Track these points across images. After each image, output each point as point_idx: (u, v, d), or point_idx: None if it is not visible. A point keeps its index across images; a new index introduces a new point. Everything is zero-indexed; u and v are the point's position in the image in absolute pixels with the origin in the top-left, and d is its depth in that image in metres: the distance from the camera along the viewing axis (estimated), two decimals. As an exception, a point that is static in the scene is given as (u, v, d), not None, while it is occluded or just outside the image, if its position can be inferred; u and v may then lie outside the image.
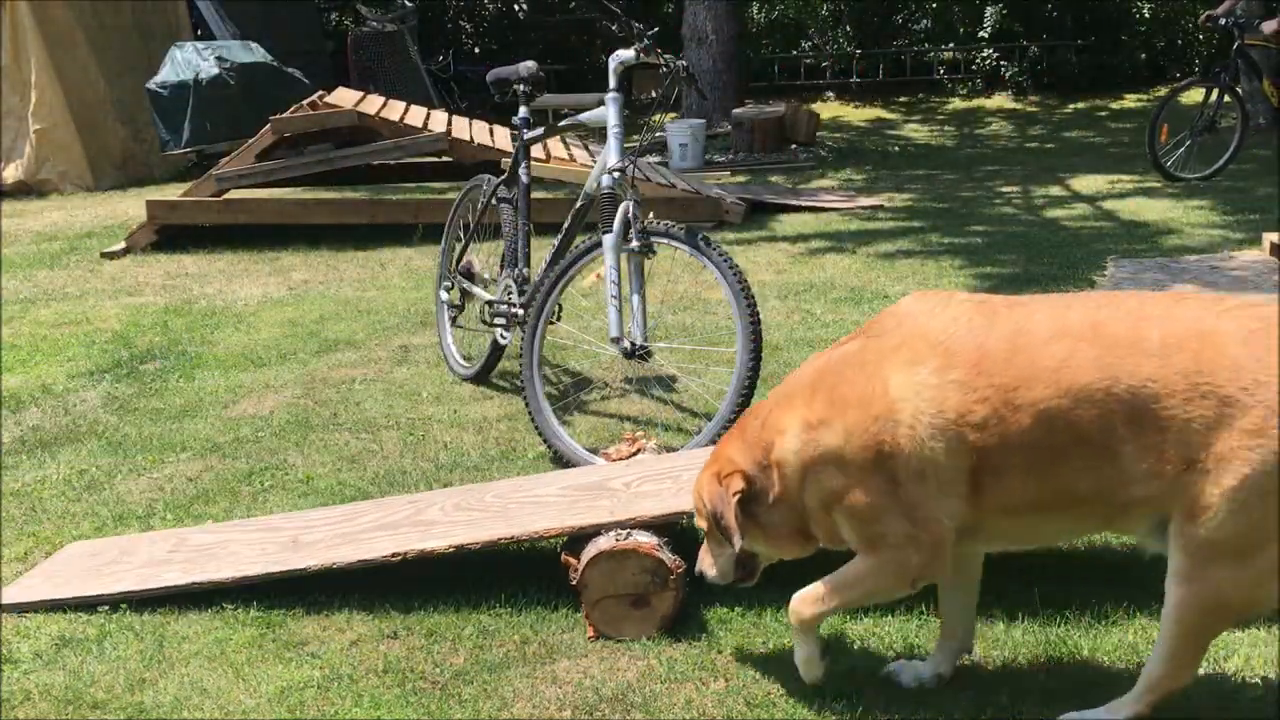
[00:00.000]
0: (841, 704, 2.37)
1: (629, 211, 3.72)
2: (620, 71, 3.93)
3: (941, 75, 17.43)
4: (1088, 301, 2.20)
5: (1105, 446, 2.04)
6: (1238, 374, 1.95)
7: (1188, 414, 1.97)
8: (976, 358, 2.12)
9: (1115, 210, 8.11)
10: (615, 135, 3.88)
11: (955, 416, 2.11)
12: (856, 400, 2.19)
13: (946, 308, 2.24)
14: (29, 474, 3.94)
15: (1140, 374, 2.00)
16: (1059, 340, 2.08)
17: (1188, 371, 1.97)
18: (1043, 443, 2.07)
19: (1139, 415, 2.00)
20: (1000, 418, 2.08)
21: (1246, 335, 1.98)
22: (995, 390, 2.09)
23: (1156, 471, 2.00)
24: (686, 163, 10.78)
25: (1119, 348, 2.03)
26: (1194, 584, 2.01)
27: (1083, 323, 2.10)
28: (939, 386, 2.13)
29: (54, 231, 9.07)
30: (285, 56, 12.56)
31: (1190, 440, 1.97)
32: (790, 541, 2.39)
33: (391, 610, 2.84)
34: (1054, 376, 2.05)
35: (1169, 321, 2.04)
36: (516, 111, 4.52)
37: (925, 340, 2.18)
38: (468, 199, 4.89)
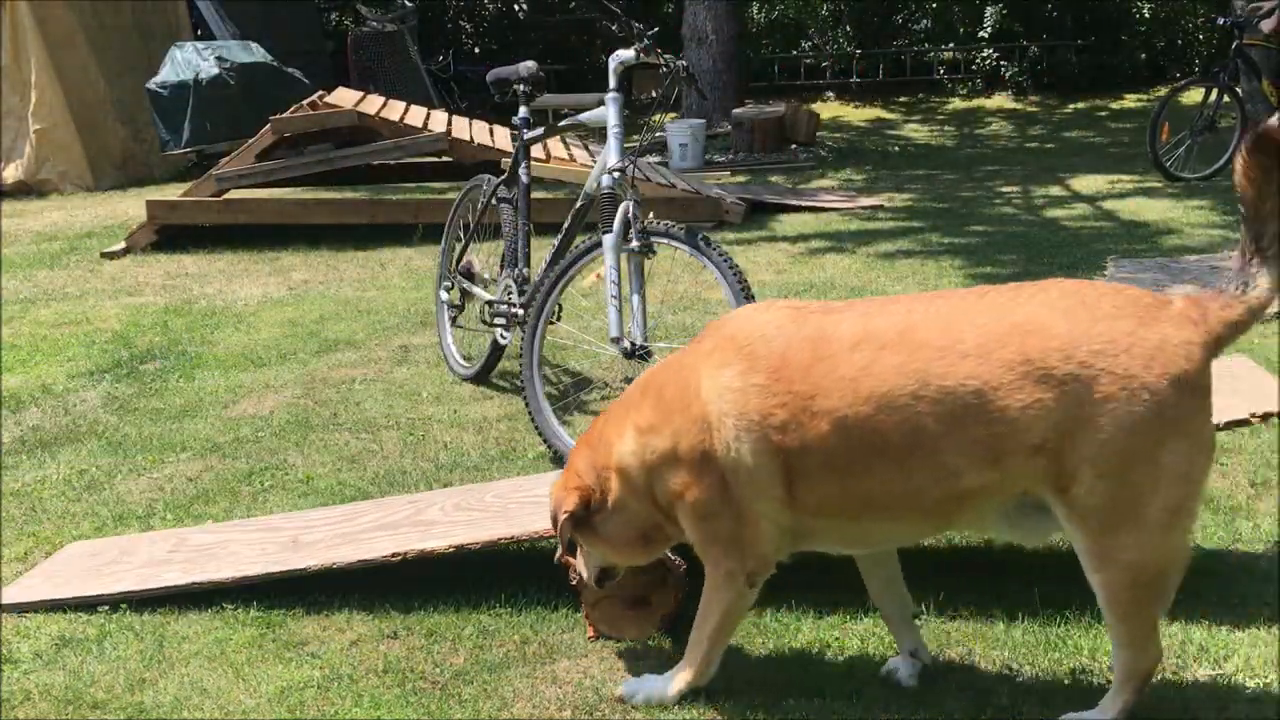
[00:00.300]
0: (841, 704, 2.37)
1: (629, 211, 3.72)
2: (620, 71, 3.93)
3: (941, 75, 17.42)
4: (899, 306, 2.23)
5: (918, 448, 2.08)
6: (1071, 352, 2.01)
7: (1024, 402, 2.02)
8: (779, 363, 2.18)
9: (1115, 210, 8.11)
10: (615, 135, 3.88)
11: (758, 419, 2.17)
12: (678, 405, 2.28)
13: (764, 313, 2.32)
14: (29, 474, 3.94)
15: (956, 375, 2.05)
16: (861, 348, 2.13)
17: (1014, 364, 2.02)
18: (844, 448, 2.12)
19: (958, 415, 2.05)
20: (799, 423, 2.14)
21: (1064, 312, 2.04)
22: (794, 396, 2.15)
23: (987, 463, 2.06)
24: (686, 163, 10.78)
25: (928, 351, 2.08)
26: (1106, 566, 2.06)
27: (890, 329, 2.14)
28: (742, 390, 2.19)
29: (54, 231, 9.07)
30: (285, 56, 12.55)
31: (1032, 427, 2.02)
32: (630, 547, 2.45)
33: (391, 610, 2.84)
34: (852, 385, 2.11)
35: (981, 321, 2.09)
36: (516, 111, 4.52)
37: (734, 344, 2.25)
38: (468, 199, 4.89)
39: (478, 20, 20.19)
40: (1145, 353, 1.99)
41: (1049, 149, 12.09)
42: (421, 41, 16.52)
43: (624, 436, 2.37)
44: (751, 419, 2.18)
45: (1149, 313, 2.04)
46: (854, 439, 2.11)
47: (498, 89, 4.54)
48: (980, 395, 2.03)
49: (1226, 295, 2.07)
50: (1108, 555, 2.05)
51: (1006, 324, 2.07)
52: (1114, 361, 1.99)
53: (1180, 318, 2.04)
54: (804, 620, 2.70)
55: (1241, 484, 3.34)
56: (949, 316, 2.13)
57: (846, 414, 2.11)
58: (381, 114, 8.38)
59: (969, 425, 2.05)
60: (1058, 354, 2.01)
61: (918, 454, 2.09)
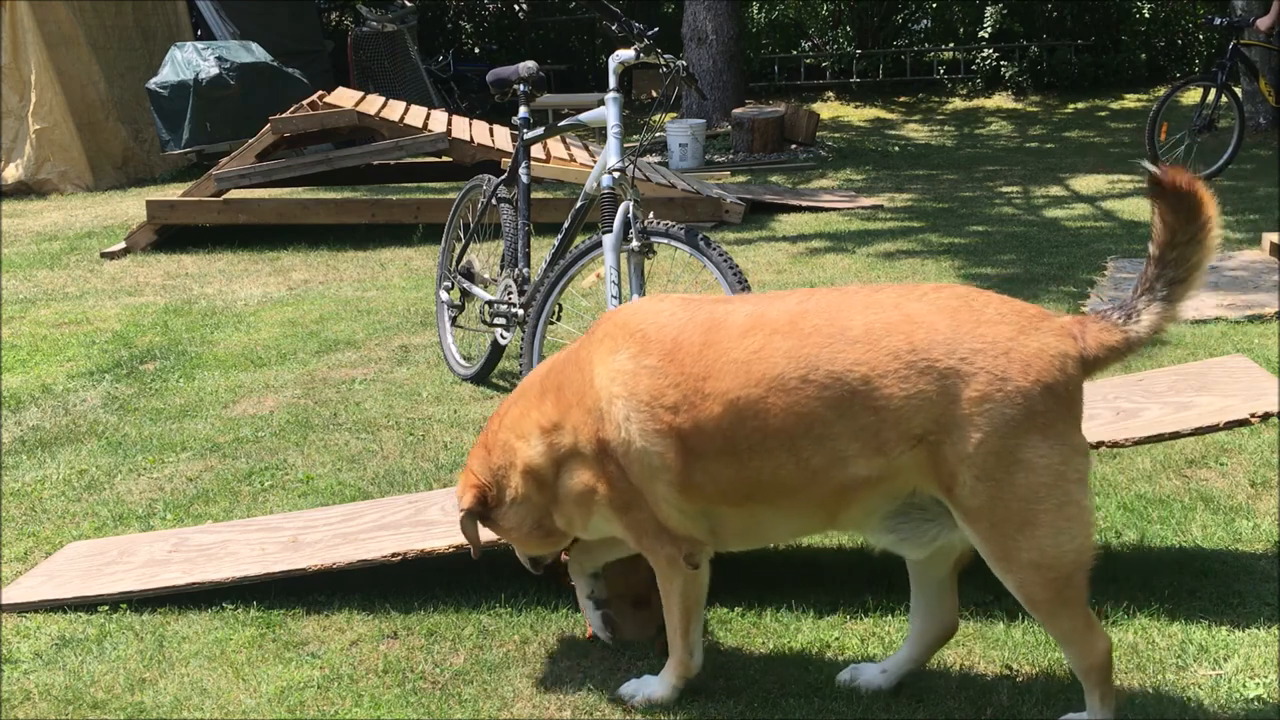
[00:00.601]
0: (841, 704, 2.37)
1: (629, 211, 3.72)
2: (620, 72, 3.93)
3: (941, 75, 17.43)
4: (792, 297, 2.28)
5: (808, 432, 2.13)
6: (954, 347, 2.06)
7: (906, 392, 2.07)
8: (671, 346, 2.24)
9: (1115, 210, 8.11)
10: (615, 135, 3.88)
11: (647, 399, 2.22)
12: (576, 398, 2.33)
13: (657, 302, 2.38)
14: (29, 474, 3.94)
15: (843, 360, 2.10)
16: (753, 334, 2.19)
17: (900, 353, 2.08)
18: (736, 430, 2.16)
19: (846, 400, 2.10)
20: (692, 404, 2.19)
21: (951, 311, 2.11)
22: (686, 378, 2.20)
23: (874, 450, 2.10)
24: (686, 163, 10.78)
25: (817, 337, 2.13)
26: (1012, 569, 2.09)
27: (781, 316, 2.20)
28: (633, 372, 2.25)
29: (54, 231, 9.07)
30: (285, 56, 12.56)
31: (914, 417, 2.07)
32: (532, 539, 2.51)
33: (391, 610, 2.84)
34: (744, 368, 2.16)
35: (873, 310, 2.15)
36: (516, 112, 4.52)
37: (625, 330, 2.32)
38: (468, 199, 4.89)
39: (478, 20, 20.20)
40: (1023, 358, 2.05)
41: (1049, 149, 12.09)
42: (421, 41, 16.53)
43: (529, 438, 2.40)
44: (641, 399, 2.23)
45: (1032, 323, 2.10)
46: (746, 420, 2.16)
47: (498, 89, 4.54)
48: (866, 381, 2.09)
49: (1109, 320, 2.12)
50: (1008, 557, 2.08)
51: (897, 315, 2.13)
52: (993, 362, 2.04)
53: (1061, 331, 2.10)
54: (804, 620, 2.70)
55: (1241, 484, 3.35)
56: (840, 306, 2.19)
57: (738, 396, 2.15)
58: (381, 114, 8.38)
59: (856, 411, 2.09)
60: (942, 347, 2.07)
61: (808, 437, 2.13)
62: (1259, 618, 2.60)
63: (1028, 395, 2.03)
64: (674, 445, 2.20)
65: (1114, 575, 2.82)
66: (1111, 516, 3.16)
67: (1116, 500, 3.26)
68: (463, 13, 19.99)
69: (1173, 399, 2.95)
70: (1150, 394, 3.04)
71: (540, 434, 2.37)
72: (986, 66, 16.72)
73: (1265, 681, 2.37)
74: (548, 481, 2.39)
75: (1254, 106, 10.65)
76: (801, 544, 3.10)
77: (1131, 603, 2.67)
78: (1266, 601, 2.67)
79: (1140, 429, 2.75)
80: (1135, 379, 3.33)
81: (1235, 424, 2.68)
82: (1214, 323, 4.98)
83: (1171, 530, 3.07)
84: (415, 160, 8.96)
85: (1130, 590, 2.73)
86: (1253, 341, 4.68)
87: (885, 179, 10.35)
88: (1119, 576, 2.81)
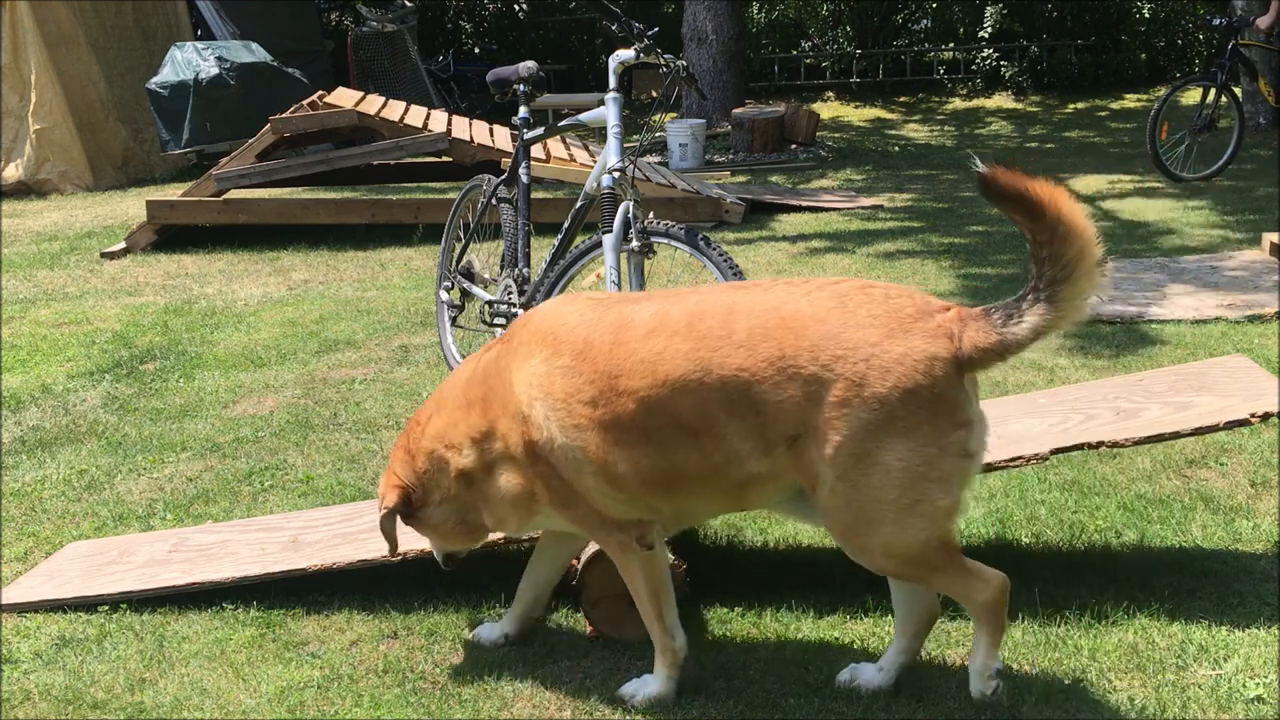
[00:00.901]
0: (841, 704, 2.37)
1: (629, 211, 3.72)
2: (620, 72, 3.93)
3: (941, 75, 17.44)
4: (691, 296, 2.35)
5: (708, 430, 2.21)
6: (817, 354, 2.13)
7: (779, 397, 2.15)
8: (583, 346, 2.32)
9: (1115, 210, 8.11)
10: (615, 135, 3.88)
11: (564, 397, 2.30)
12: (500, 406, 2.40)
13: (567, 305, 2.44)
14: (29, 474, 3.94)
15: (730, 365, 2.18)
16: (656, 334, 2.26)
17: (774, 359, 2.15)
18: (649, 425, 2.24)
19: (734, 402, 2.18)
20: (608, 400, 2.27)
21: (824, 315, 2.17)
22: (600, 375, 2.28)
23: (762, 450, 2.18)
24: (686, 163, 10.78)
25: (710, 340, 2.21)
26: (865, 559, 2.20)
27: (681, 318, 2.26)
28: (547, 373, 2.33)
29: (54, 231, 9.07)
30: (285, 56, 12.57)
31: (787, 420, 2.15)
32: (455, 534, 2.58)
33: (391, 610, 2.84)
34: (651, 368, 2.24)
35: (756, 314, 2.22)
36: (516, 112, 4.52)
37: (537, 335, 2.39)
38: (468, 199, 4.88)
39: (478, 20, 20.20)
40: (883, 364, 2.09)
41: (1049, 149, 12.09)
42: (421, 41, 16.54)
43: (462, 449, 2.46)
44: (558, 398, 2.31)
45: (904, 324, 2.13)
46: (656, 417, 2.23)
47: (498, 89, 4.54)
48: (749, 385, 2.16)
49: (989, 321, 2.14)
50: (863, 550, 2.18)
51: (775, 319, 2.19)
52: (852, 369, 2.10)
53: (935, 332, 2.13)
54: (804, 620, 2.70)
55: (1241, 484, 3.35)
56: (732, 308, 2.25)
57: (648, 394, 2.23)
58: (381, 114, 8.38)
59: (744, 413, 2.17)
60: (807, 354, 2.13)
61: (709, 435, 2.21)
62: (1259, 618, 2.60)
63: (885, 401, 2.08)
64: (594, 438, 2.27)
65: (1114, 575, 2.83)
66: (1111, 516, 3.16)
67: (1116, 500, 3.26)
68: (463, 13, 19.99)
69: (1173, 399, 2.95)
70: (1150, 394, 3.04)
71: (472, 444, 2.44)
72: (986, 66, 16.73)
73: (1265, 681, 2.37)
74: (479, 483, 2.46)
75: (1254, 106, 10.65)
76: (801, 544, 3.10)
77: (1131, 603, 2.67)
78: (1266, 601, 2.67)
79: (1140, 429, 2.75)
80: (1135, 379, 3.33)
81: (1235, 424, 2.68)
82: (1214, 323, 4.98)
83: (1171, 530, 3.07)
84: (415, 160, 8.96)
85: (1130, 590, 2.73)
86: (1253, 341, 4.68)
87: (885, 179, 10.35)
88: (1119, 576, 2.81)
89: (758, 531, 3.17)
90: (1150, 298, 5.46)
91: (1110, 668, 2.44)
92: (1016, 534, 3.11)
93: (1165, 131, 9.03)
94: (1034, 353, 4.72)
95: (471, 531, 2.57)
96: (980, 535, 3.10)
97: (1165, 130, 9.03)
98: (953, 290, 5.89)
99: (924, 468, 2.10)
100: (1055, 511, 3.21)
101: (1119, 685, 2.38)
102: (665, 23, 14.38)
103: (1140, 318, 5.13)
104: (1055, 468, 3.45)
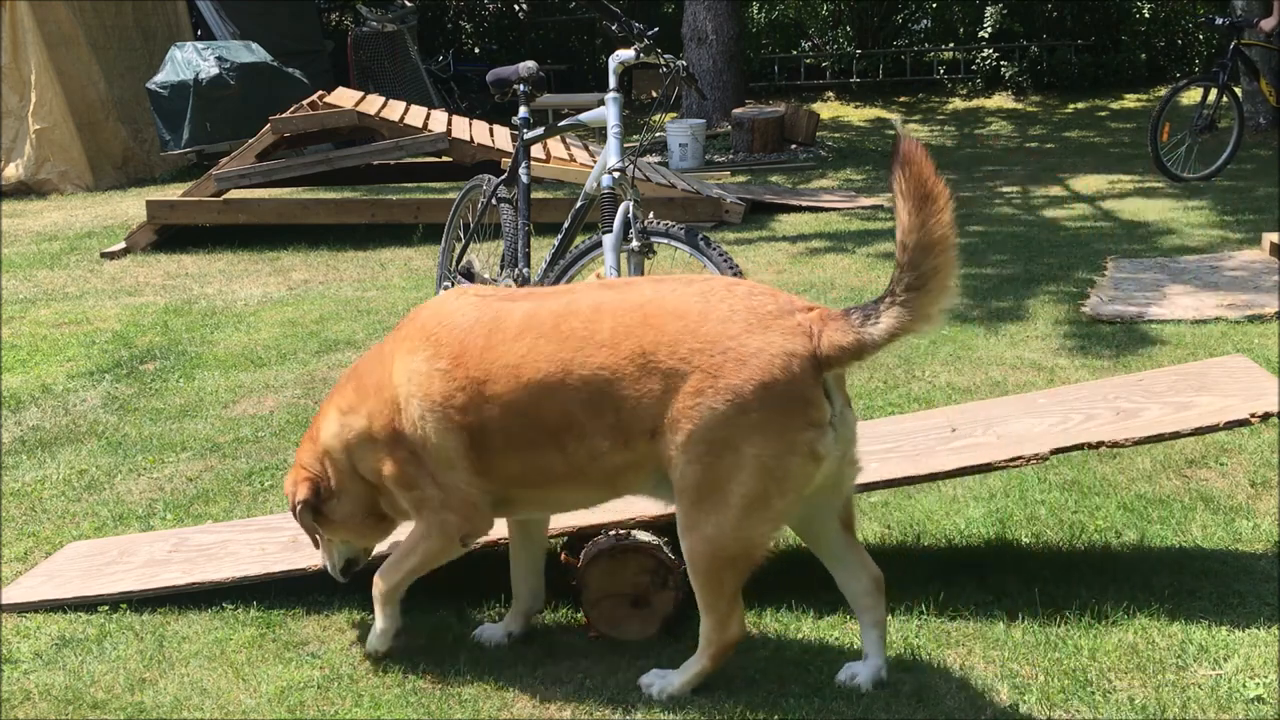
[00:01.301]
0: (841, 704, 2.37)
1: (629, 211, 3.72)
2: (620, 72, 3.93)
3: (941, 75, 17.43)
4: (563, 296, 2.43)
5: (571, 428, 2.30)
6: (675, 349, 2.22)
7: (640, 392, 2.24)
8: (459, 349, 2.39)
9: (1115, 210, 8.11)
10: (615, 135, 3.88)
11: (440, 400, 2.39)
12: (374, 388, 2.49)
13: (454, 300, 2.51)
14: (29, 474, 3.94)
15: (591, 364, 2.27)
16: (524, 336, 2.35)
17: (634, 355, 2.24)
18: (515, 428, 2.34)
19: (595, 400, 2.27)
20: (477, 405, 2.36)
21: (685, 310, 2.25)
22: (471, 381, 2.36)
23: (623, 444, 2.27)
24: (686, 163, 10.78)
25: (573, 341, 2.30)
26: (689, 535, 2.26)
27: (549, 318, 2.34)
28: (427, 374, 2.41)
29: (54, 231, 9.07)
30: (285, 56, 12.56)
31: (646, 414, 2.24)
32: (364, 528, 2.63)
33: (391, 610, 2.83)
34: (515, 372, 2.33)
35: (621, 312, 2.30)
36: (516, 112, 4.52)
37: (423, 332, 2.46)
38: (468, 199, 4.89)
39: (478, 20, 20.20)
40: (739, 356, 2.17)
41: (1049, 149, 12.09)
42: (421, 41, 16.53)
43: (328, 419, 2.57)
44: (435, 400, 2.39)
45: (762, 321, 2.21)
46: (521, 420, 2.33)
47: (498, 89, 4.54)
48: (609, 383, 2.25)
49: (848, 321, 2.19)
50: (692, 526, 2.25)
51: (638, 316, 2.28)
52: (709, 361, 2.19)
53: (794, 330, 2.20)
54: (804, 620, 2.70)
55: (1241, 484, 3.35)
56: (599, 306, 2.32)
57: (512, 399, 2.32)
58: (381, 114, 8.38)
59: (604, 410, 2.26)
60: (666, 348, 2.22)
61: (570, 434, 2.30)
62: (1259, 618, 2.60)
63: (738, 392, 2.16)
64: (465, 440, 2.39)
65: (1114, 575, 2.83)
66: (1111, 516, 3.16)
67: (1116, 500, 3.26)
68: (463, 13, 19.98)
69: (1173, 399, 2.95)
70: (1150, 394, 3.04)
71: (338, 415, 2.53)
72: (986, 66, 16.72)
73: (1265, 681, 2.37)
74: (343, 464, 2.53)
75: (1254, 106, 10.65)
76: (801, 544, 3.10)
77: (1131, 603, 2.67)
78: (1266, 601, 2.67)
79: (1140, 429, 2.75)
80: (1135, 379, 3.33)
81: (1235, 424, 2.68)
82: (1214, 323, 4.98)
83: (1171, 530, 3.07)
84: (415, 160, 8.96)
85: (1130, 590, 2.73)
86: (1253, 341, 4.68)
87: (885, 179, 10.32)
88: (1119, 576, 2.82)
89: (758, 531, 3.17)
90: (1150, 298, 5.46)
91: (1110, 668, 2.44)
92: (1016, 534, 3.11)
93: (1166, 133, 9.03)
94: (1034, 353, 4.72)
95: (380, 522, 2.62)
96: (980, 535, 3.10)
97: (1166, 131, 9.02)
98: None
99: (771, 463, 2.18)
100: (1055, 511, 3.21)
101: (1119, 685, 2.38)
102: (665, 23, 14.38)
103: (1140, 318, 5.13)
104: (1055, 468, 3.45)
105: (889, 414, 3.94)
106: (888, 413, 3.99)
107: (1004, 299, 5.66)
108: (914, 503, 3.31)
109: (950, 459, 2.81)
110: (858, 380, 4.45)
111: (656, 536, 2.71)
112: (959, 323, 5.22)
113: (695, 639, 2.63)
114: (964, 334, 5.05)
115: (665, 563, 2.65)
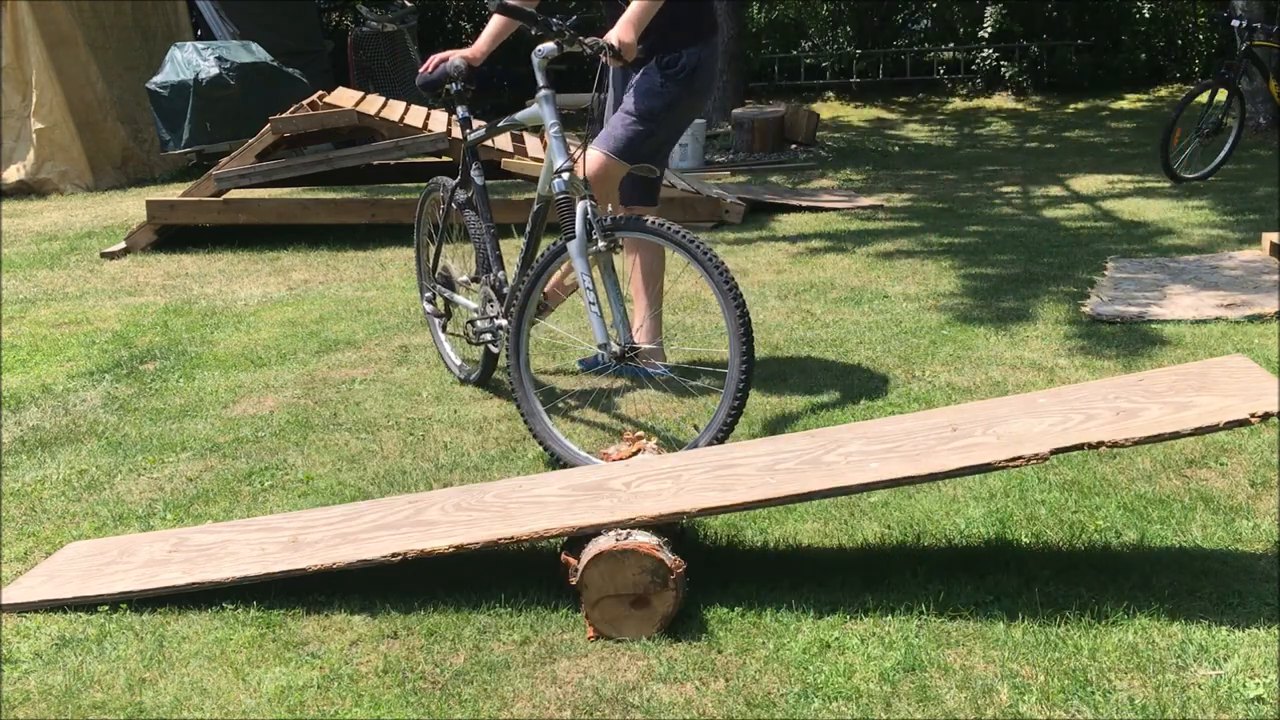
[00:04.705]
0: (841, 703, 2.37)
1: (587, 212, 3.59)
2: (545, 66, 3.83)
3: (941, 75, 17.44)
4: None
5: None
6: None
7: None
8: None
9: (1115, 210, 8.11)
10: (555, 135, 3.69)
11: None
12: None
13: None
14: (29, 474, 3.94)
15: None
16: None
17: None
18: None
19: None
20: None
21: None
22: None
23: None
24: (686, 163, 10.78)
25: None
26: None
27: None
28: None
29: (54, 231, 9.07)
30: (285, 56, 12.56)
31: None
32: None
33: (391, 610, 2.84)
34: None
35: None
36: (516, 109, 4.46)
37: None
38: (430, 201, 4.83)
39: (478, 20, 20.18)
40: None
41: (1049, 149, 12.09)
42: (421, 41, 16.52)
43: None
44: None
45: None
46: None
47: (429, 91, 4.42)
48: None
49: None
50: None
51: None
52: None
53: None
54: (804, 620, 2.70)
55: (1241, 484, 3.35)
56: None
57: None
58: (381, 114, 8.39)
59: None
60: None
61: None
62: (1259, 618, 2.60)
63: None
64: None
65: (1114, 575, 2.83)
66: (1111, 516, 3.16)
67: (1116, 500, 3.26)
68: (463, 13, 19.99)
69: (1173, 399, 2.95)
70: (1150, 394, 3.04)
71: None
72: (986, 66, 16.73)
73: (1265, 681, 2.37)
74: None
75: (1254, 106, 10.65)
76: (801, 544, 3.10)
77: (1131, 603, 2.67)
78: (1266, 601, 2.67)
79: (1140, 429, 2.75)
80: (1135, 379, 3.33)
81: (1235, 424, 2.68)
82: (1214, 323, 4.98)
83: (1171, 530, 3.07)
84: (415, 160, 8.96)
85: (1130, 590, 2.73)
86: (1253, 341, 4.68)
87: (885, 179, 10.35)
88: (1119, 576, 2.82)
89: (758, 532, 3.17)
90: (1150, 298, 5.47)
91: (1110, 668, 2.44)
92: (1016, 534, 3.11)
93: (1177, 138, 9.03)
94: (1034, 352, 4.72)
95: None
96: (980, 535, 3.10)
97: (1178, 136, 9.02)
98: (953, 290, 5.89)
99: None
100: (1055, 511, 3.21)
101: (1119, 685, 2.38)
102: (665, 23, 14.35)
103: (1140, 318, 5.13)
104: (1055, 468, 3.46)
105: (889, 414, 3.94)
106: (888, 413, 3.99)
107: (1004, 299, 5.66)
108: (914, 503, 3.31)
109: (950, 459, 2.81)
110: (858, 380, 4.45)
111: (657, 537, 2.71)
112: (959, 322, 5.23)
113: (695, 639, 2.64)
114: (964, 334, 5.05)
115: (666, 563, 2.65)
